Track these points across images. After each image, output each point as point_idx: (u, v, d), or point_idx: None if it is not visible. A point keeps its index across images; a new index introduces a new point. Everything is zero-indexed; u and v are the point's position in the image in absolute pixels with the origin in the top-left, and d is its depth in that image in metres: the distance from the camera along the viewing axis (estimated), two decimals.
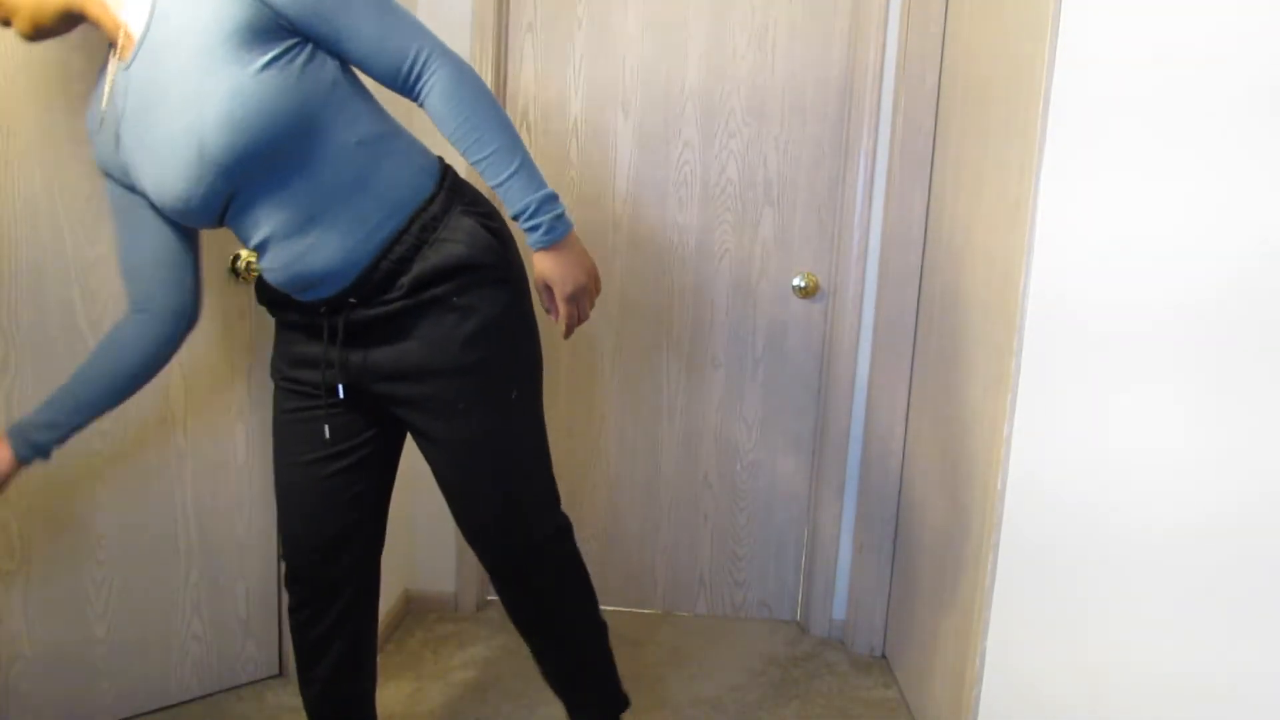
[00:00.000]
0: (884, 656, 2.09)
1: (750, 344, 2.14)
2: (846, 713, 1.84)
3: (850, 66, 2.01)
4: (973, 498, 1.50)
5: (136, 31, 1.01)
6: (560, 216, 1.11)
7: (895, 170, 1.95)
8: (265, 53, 0.97)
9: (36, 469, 1.47)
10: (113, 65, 1.06)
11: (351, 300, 1.10)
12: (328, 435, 1.19)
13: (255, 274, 1.63)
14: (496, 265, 1.13)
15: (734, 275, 2.11)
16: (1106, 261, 1.08)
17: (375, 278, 1.08)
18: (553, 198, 1.10)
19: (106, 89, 1.06)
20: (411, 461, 2.18)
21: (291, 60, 0.99)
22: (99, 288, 1.50)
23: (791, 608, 2.26)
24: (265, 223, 1.06)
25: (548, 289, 1.16)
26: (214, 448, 1.68)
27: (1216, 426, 0.86)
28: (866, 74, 1.96)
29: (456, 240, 1.10)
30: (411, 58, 1.04)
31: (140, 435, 1.59)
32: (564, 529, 1.30)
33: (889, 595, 2.08)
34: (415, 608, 2.21)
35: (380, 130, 1.09)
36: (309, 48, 1.02)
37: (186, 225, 1.14)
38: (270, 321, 1.70)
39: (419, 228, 1.09)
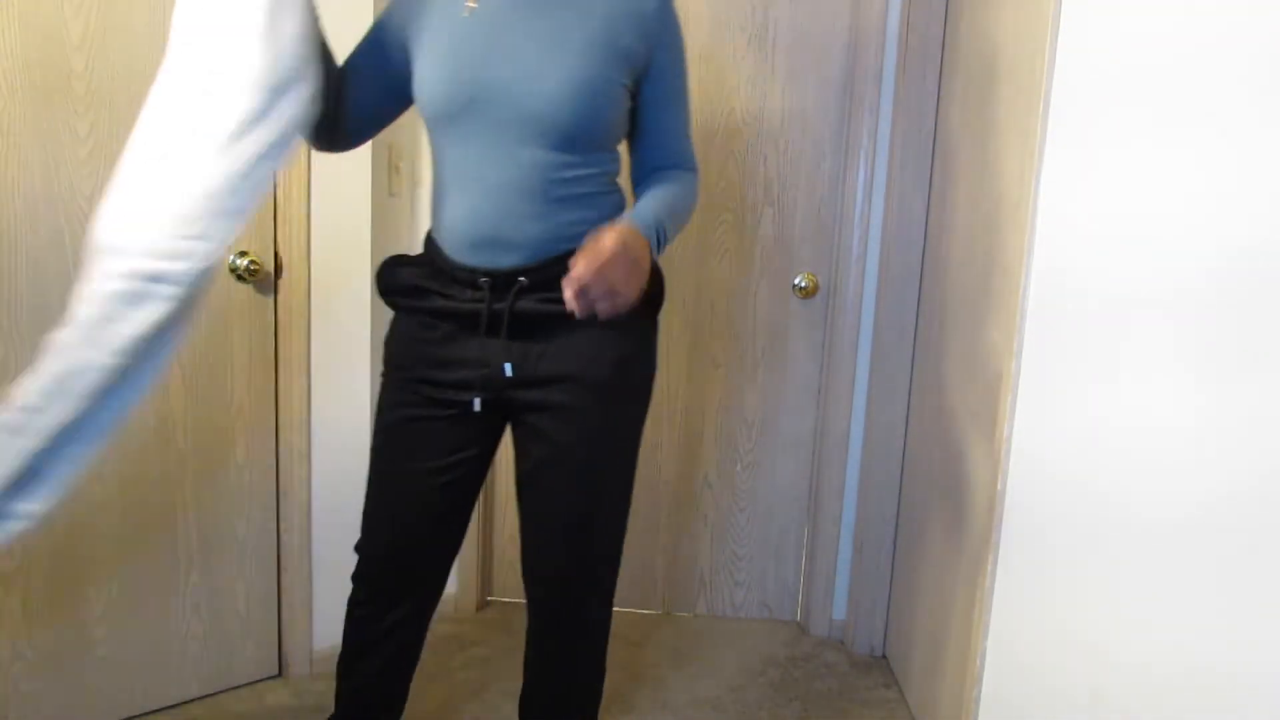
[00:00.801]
0: (884, 656, 2.09)
1: (750, 344, 2.14)
2: (846, 713, 1.84)
3: (850, 66, 2.01)
4: (973, 498, 1.50)
5: None
6: (658, 247, 1.15)
7: (895, 170, 1.95)
8: (623, 77, 1.14)
9: None
10: None
11: (521, 279, 1.14)
12: (478, 408, 1.18)
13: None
14: (658, 303, 1.23)
15: (734, 275, 2.11)
16: (1106, 260, 1.08)
17: (557, 270, 1.11)
18: (660, 245, 1.15)
19: None
20: None
21: (628, 98, 1.17)
22: None
23: (791, 608, 2.26)
24: (501, 169, 1.12)
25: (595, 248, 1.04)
26: (214, 448, 1.68)
27: (1215, 414, 0.86)
28: (866, 74, 1.96)
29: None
30: (679, 162, 1.24)
31: (140, 435, 1.58)
32: (616, 577, 1.30)
33: (889, 595, 2.08)
34: None
35: (617, 175, 1.24)
36: (632, 101, 1.19)
37: (420, 107, 1.17)
38: (269, 321, 1.71)
39: None
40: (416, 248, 2.08)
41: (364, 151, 1.78)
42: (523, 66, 1.09)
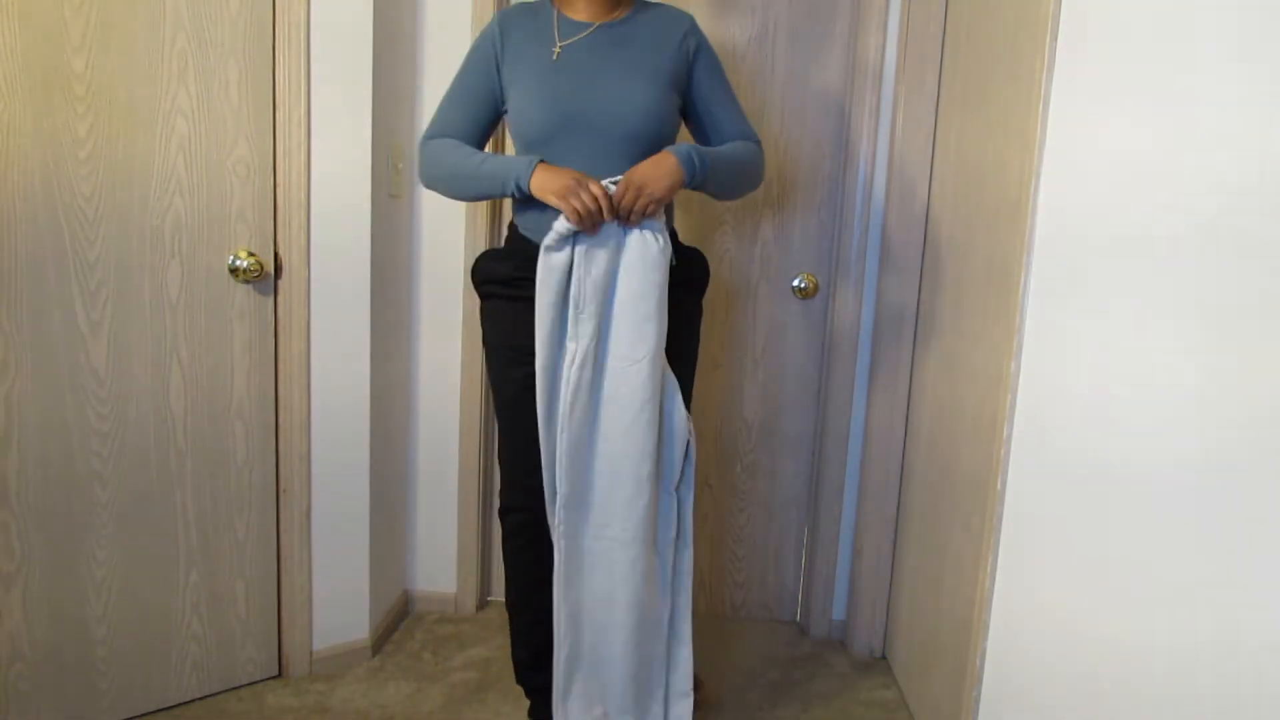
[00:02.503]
0: (884, 657, 2.09)
1: (750, 344, 2.14)
2: (846, 713, 1.84)
3: (850, 67, 2.01)
4: (972, 498, 1.50)
5: (626, 13, 1.50)
6: (693, 160, 1.41)
7: (895, 170, 1.95)
8: (673, 94, 1.48)
9: (36, 468, 1.47)
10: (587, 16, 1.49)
11: None
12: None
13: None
14: (702, 287, 1.59)
15: (734, 276, 2.11)
16: (1108, 260, 1.08)
17: None
18: (695, 178, 1.42)
19: (573, 32, 1.47)
20: (412, 463, 2.18)
21: (677, 108, 1.51)
22: (99, 288, 1.51)
23: (791, 609, 2.26)
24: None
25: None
26: (214, 448, 1.68)
27: (1222, 423, 0.86)
28: (866, 74, 1.96)
29: (692, 260, 1.54)
30: (740, 138, 1.55)
31: (140, 435, 1.59)
32: None
33: (889, 595, 2.08)
34: (415, 608, 2.21)
35: None
36: (683, 106, 1.53)
37: (516, 133, 1.48)
38: (269, 321, 1.71)
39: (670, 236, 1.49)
40: (417, 248, 2.10)
41: (364, 152, 1.78)
42: (603, 96, 1.41)
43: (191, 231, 1.60)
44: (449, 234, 2.07)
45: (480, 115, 1.51)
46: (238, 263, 1.64)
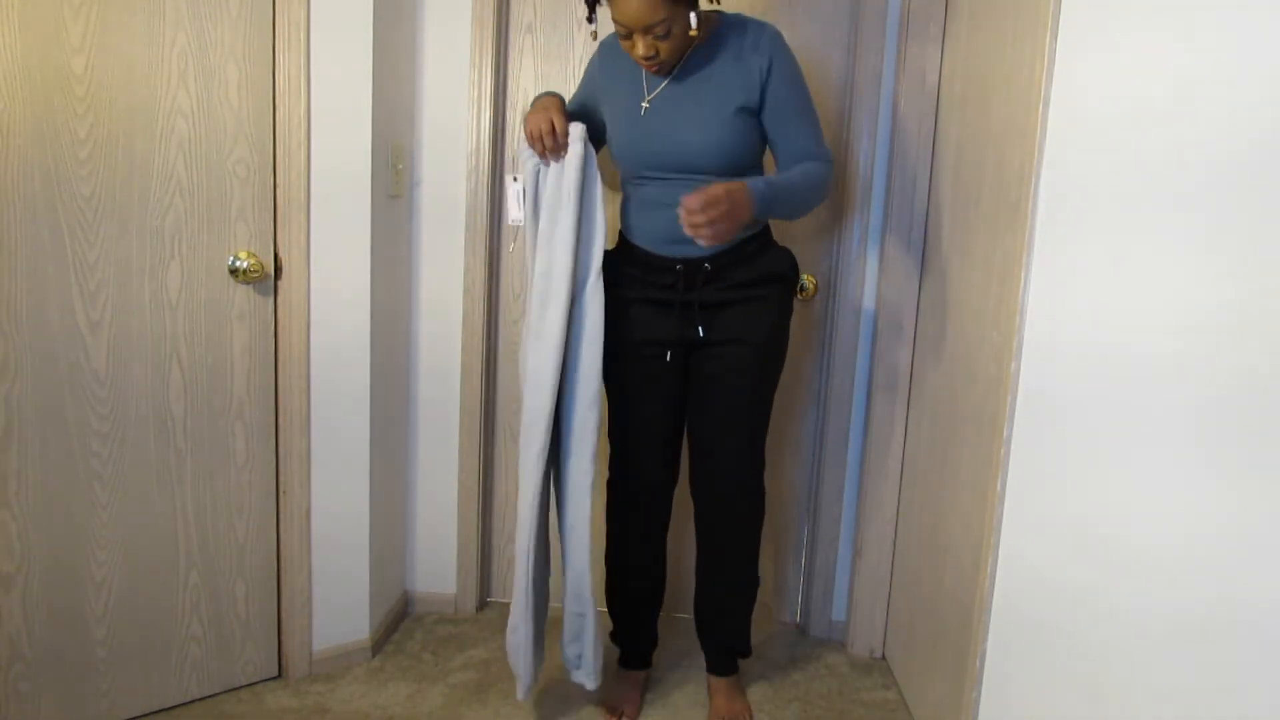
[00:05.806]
0: (884, 658, 2.09)
1: None
2: (846, 714, 1.84)
3: (850, 67, 2.01)
4: (972, 500, 1.50)
5: (708, 39, 1.58)
6: (760, 200, 1.47)
7: (895, 170, 1.95)
8: (746, 120, 1.56)
9: (36, 468, 1.47)
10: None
11: (706, 265, 1.59)
12: (669, 358, 1.66)
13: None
14: (794, 283, 1.69)
15: None
16: (1109, 262, 1.08)
17: (730, 256, 1.60)
18: (761, 212, 1.48)
19: (660, 81, 1.60)
20: (412, 464, 2.18)
21: (755, 129, 1.58)
22: (99, 288, 1.51)
23: (791, 609, 2.26)
24: (680, 194, 1.49)
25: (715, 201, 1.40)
26: (214, 448, 1.68)
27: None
28: (866, 75, 1.96)
29: (782, 259, 1.66)
30: (805, 157, 1.57)
31: (140, 435, 1.59)
32: (763, 464, 1.73)
33: (889, 596, 2.08)
34: (415, 609, 2.21)
35: None
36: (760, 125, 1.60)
37: (613, 160, 1.68)
38: (269, 321, 1.71)
39: (761, 240, 1.65)
40: (417, 248, 2.10)
41: (364, 151, 1.78)
42: (683, 139, 1.56)
43: (191, 231, 1.60)
44: (449, 234, 2.07)
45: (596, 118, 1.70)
46: (238, 263, 1.64)
